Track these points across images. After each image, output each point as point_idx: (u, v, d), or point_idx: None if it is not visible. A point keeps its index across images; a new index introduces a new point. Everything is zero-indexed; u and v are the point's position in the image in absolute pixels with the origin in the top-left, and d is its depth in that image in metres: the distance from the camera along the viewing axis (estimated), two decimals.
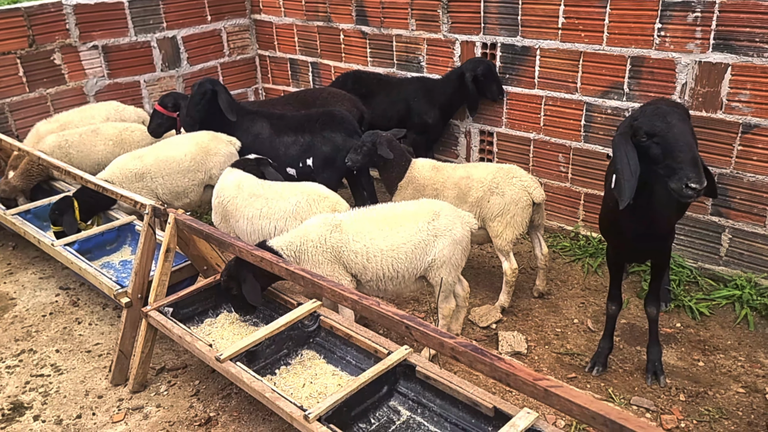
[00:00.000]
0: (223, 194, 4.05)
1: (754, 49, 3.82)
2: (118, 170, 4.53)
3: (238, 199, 3.96)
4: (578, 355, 3.74)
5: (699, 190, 2.65)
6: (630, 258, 3.61)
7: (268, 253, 3.06)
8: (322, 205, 3.76)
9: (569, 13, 4.53)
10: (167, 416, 3.40)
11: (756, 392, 3.39)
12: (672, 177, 2.70)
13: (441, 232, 3.41)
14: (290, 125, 4.88)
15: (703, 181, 2.64)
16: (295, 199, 3.80)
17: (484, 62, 5.03)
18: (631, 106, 4.43)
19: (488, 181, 4.01)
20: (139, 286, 3.54)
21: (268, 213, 3.84)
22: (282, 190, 3.92)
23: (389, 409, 2.93)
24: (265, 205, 3.86)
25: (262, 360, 3.21)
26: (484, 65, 5.01)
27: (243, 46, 7.00)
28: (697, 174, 2.64)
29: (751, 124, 3.96)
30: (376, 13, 5.75)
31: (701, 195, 2.71)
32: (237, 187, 4.01)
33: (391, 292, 3.53)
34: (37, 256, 5.12)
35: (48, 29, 5.60)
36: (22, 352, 4.00)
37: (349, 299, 2.64)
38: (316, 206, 3.75)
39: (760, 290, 4.07)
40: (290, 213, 3.77)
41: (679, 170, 2.67)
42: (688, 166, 2.65)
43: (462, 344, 2.26)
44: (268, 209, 3.85)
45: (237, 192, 3.98)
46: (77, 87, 5.90)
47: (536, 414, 2.50)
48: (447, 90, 5.24)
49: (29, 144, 5.19)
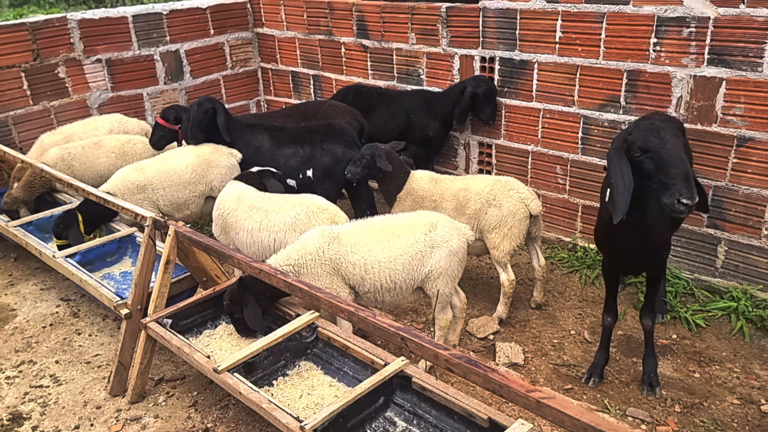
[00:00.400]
0: (223, 206, 4.09)
1: (748, 63, 3.86)
2: (120, 182, 4.58)
3: (238, 211, 4.00)
4: (575, 366, 3.76)
5: (690, 206, 2.68)
6: (625, 270, 3.64)
7: (266, 265, 3.10)
8: (321, 218, 3.79)
9: (566, 28, 4.59)
10: (165, 427, 3.42)
11: (751, 404, 3.40)
12: (664, 192, 2.73)
13: (438, 243, 3.44)
14: (290, 137, 4.94)
15: (695, 197, 2.68)
16: (295, 212, 3.84)
17: (487, 83, 5.08)
18: (627, 119, 4.47)
19: (486, 193, 4.05)
20: (138, 297, 3.58)
21: (268, 225, 3.88)
22: (281, 202, 3.96)
23: (385, 420, 2.95)
24: (265, 218, 3.90)
25: (259, 371, 3.24)
26: (486, 85, 5.05)
27: (245, 59, 7.07)
28: (689, 190, 2.67)
29: (745, 137, 4.00)
30: (376, 27, 5.83)
31: (693, 210, 2.75)
32: (237, 200, 4.04)
33: (388, 303, 3.56)
34: (39, 268, 5.16)
35: (52, 43, 5.68)
36: (22, 363, 4.03)
37: (346, 311, 2.67)
38: (315, 218, 3.79)
39: (755, 302, 4.09)
40: (289, 225, 3.81)
41: (672, 186, 2.70)
42: (680, 181, 2.69)
43: (456, 356, 2.29)
44: (268, 222, 3.88)
45: (237, 204, 4.02)
46: (81, 100, 5.97)
47: (530, 425, 2.51)
48: (448, 103, 5.29)
49: (33, 156, 5.25)
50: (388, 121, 5.53)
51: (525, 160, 5.20)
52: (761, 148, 3.96)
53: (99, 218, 4.64)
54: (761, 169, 3.99)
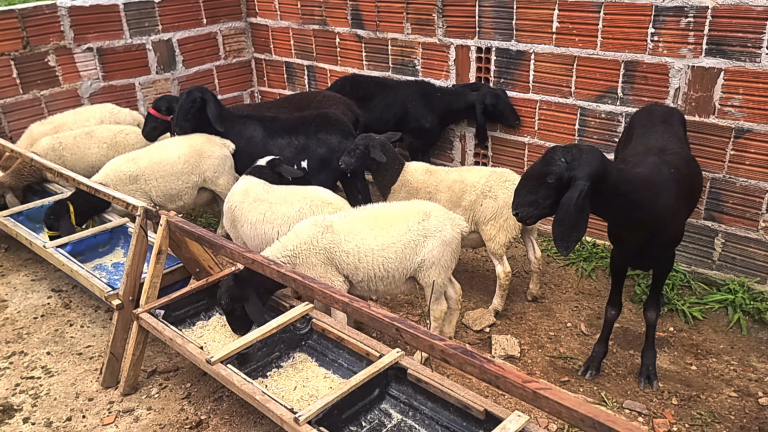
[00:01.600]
0: (231, 200, 4.09)
1: (746, 54, 3.83)
2: (112, 173, 4.52)
3: (244, 204, 3.98)
4: (571, 358, 3.74)
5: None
6: (634, 265, 3.57)
7: (259, 255, 3.06)
8: (326, 211, 3.73)
9: (563, 18, 4.54)
10: (158, 419, 3.38)
11: (748, 396, 3.39)
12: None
13: (431, 232, 3.41)
14: (284, 127, 4.88)
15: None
16: (299, 204, 3.80)
17: (494, 94, 4.99)
18: (624, 111, 4.44)
19: (481, 185, 4.01)
20: (130, 288, 3.53)
21: (271, 218, 3.84)
22: (286, 194, 3.92)
23: (380, 412, 2.92)
24: (269, 210, 3.86)
25: (253, 363, 3.20)
26: (495, 98, 4.97)
27: (239, 49, 7.00)
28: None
29: (743, 129, 3.97)
30: (371, 16, 5.77)
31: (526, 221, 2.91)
32: (244, 193, 4.03)
33: (382, 292, 3.53)
34: (30, 258, 5.10)
35: (42, 31, 5.59)
36: (13, 354, 3.97)
37: (340, 301, 2.63)
38: (319, 211, 3.74)
39: (752, 294, 4.08)
40: (293, 218, 3.76)
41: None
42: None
43: (452, 347, 2.26)
44: (272, 214, 3.84)
45: (244, 197, 4.01)
46: (71, 89, 5.89)
47: (527, 417, 2.49)
48: (448, 101, 5.23)
49: (22, 145, 5.18)
50: (384, 111, 5.48)
51: (521, 152, 5.17)
52: (759, 139, 3.93)
53: (91, 209, 4.58)
54: (759, 160, 3.97)
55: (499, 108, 5.00)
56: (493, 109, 5.02)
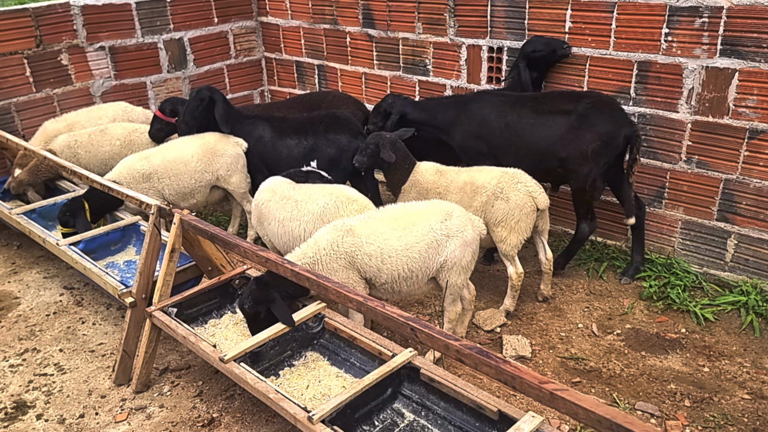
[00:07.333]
0: (258, 198, 4.11)
1: (761, 54, 3.81)
2: (126, 171, 4.54)
3: (271, 202, 4.00)
4: (583, 359, 3.73)
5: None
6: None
7: (273, 254, 3.06)
8: (350, 208, 3.74)
9: (576, 18, 4.53)
10: (170, 417, 3.39)
11: (762, 399, 3.37)
12: None
13: (453, 232, 3.40)
14: (293, 128, 4.89)
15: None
16: (324, 201, 3.80)
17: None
18: (637, 111, 4.42)
19: (492, 186, 3.99)
20: (143, 286, 3.54)
21: (298, 215, 3.85)
22: (312, 192, 3.93)
23: (393, 411, 2.93)
24: (295, 208, 3.87)
25: (266, 361, 3.21)
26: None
27: (249, 48, 7.01)
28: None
29: (758, 130, 3.95)
30: (382, 16, 5.76)
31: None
32: (271, 191, 4.05)
33: (405, 293, 3.52)
34: (42, 256, 5.13)
35: (55, 30, 5.62)
36: (26, 351, 4.00)
37: (354, 300, 2.63)
38: (344, 209, 3.74)
39: (765, 296, 4.06)
40: (318, 215, 3.77)
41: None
42: None
43: (467, 346, 2.25)
44: (298, 211, 3.86)
45: (271, 195, 4.03)
46: (84, 87, 5.92)
47: (541, 418, 2.49)
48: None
49: (36, 142, 5.22)
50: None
51: None
52: None
53: (105, 207, 4.61)
54: None
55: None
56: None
